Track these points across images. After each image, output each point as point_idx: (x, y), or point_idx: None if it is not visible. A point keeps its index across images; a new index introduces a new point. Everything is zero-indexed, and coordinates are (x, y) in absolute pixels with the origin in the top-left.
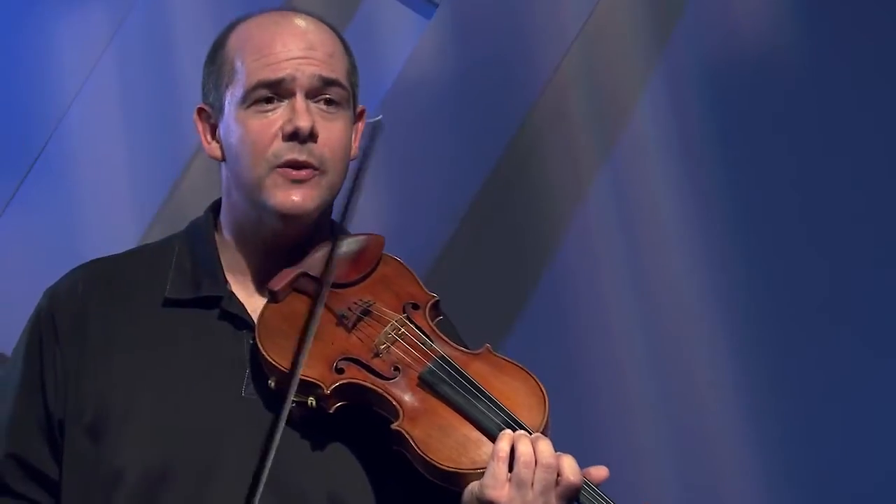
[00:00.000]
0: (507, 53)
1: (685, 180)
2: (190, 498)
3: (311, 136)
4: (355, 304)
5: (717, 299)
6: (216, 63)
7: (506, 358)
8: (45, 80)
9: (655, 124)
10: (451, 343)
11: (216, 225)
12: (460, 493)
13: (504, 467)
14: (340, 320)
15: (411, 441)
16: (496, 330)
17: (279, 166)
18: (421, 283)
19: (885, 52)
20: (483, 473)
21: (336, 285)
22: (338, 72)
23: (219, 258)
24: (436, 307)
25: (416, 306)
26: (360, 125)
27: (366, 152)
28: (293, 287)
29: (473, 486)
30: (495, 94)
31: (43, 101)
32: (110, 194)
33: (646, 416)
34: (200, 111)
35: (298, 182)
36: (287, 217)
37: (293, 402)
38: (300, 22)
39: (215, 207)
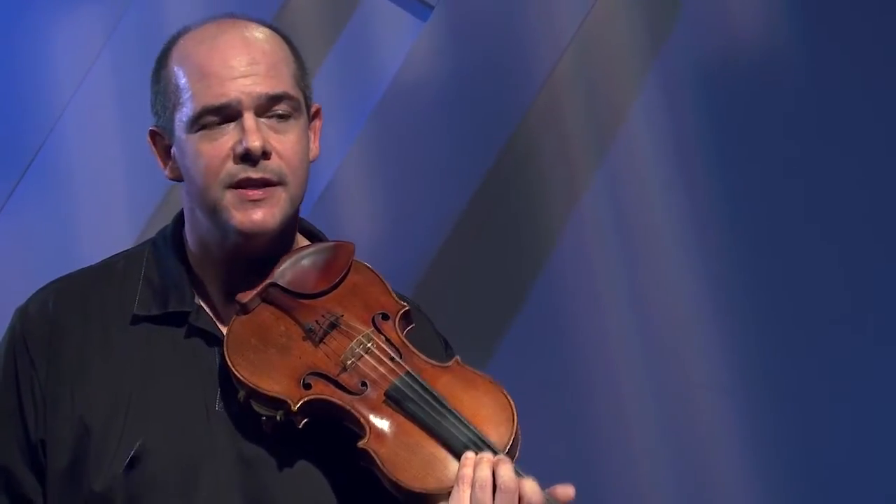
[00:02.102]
0: (502, 56)
1: (680, 184)
2: None
3: (264, 155)
4: (323, 316)
5: (712, 302)
6: (161, 83)
7: (475, 371)
8: (40, 83)
9: (650, 128)
10: (421, 356)
11: (182, 236)
12: None
13: (468, 492)
14: (308, 334)
15: (378, 460)
16: (491, 332)
17: (234, 186)
18: (392, 291)
19: (882, 54)
20: (449, 494)
21: (305, 296)
22: (284, 83)
23: (185, 272)
24: (406, 317)
25: (385, 316)
26: (318, 123)
27: None
28: (262, 298)
29: None
30: (491, 97)
31: (38, 104)
32: (106, 197)
33: (640, 418)
34: (153, 134)
35: (256, 202)
36: (250, 236)
37: (263, 416)
38: (239, 33)
39: (181, 218)
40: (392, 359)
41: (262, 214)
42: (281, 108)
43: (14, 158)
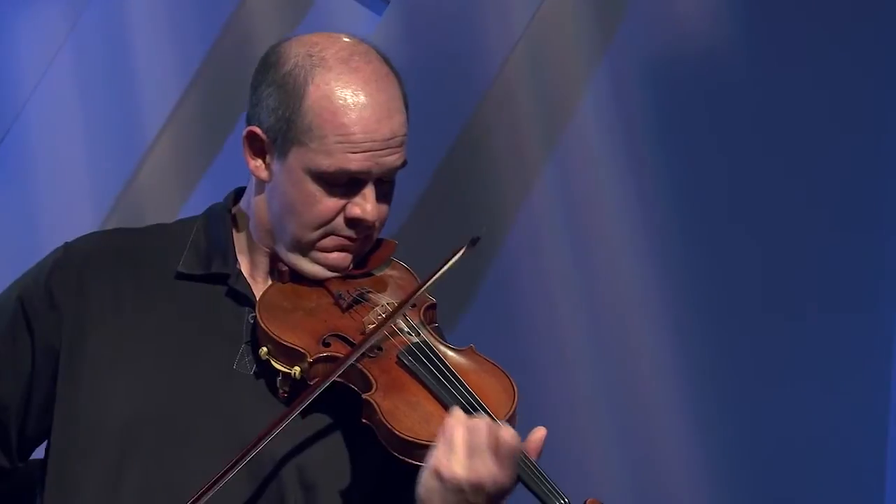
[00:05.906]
0: (455, 49)
1: (628, 174)
2: (156, 454)
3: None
4: (354, 288)
5: (660, 290)
6: (289, 105)
7: (488, 358)
8: (1, 77)
9: (599, 119)
10: (438, 337)
11: (233, 211)
12: None
13: (450, 434)
14: (337, 300)
15: (378, 410)
16: (444, 319)
17: (334, 234)
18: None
19: (826, 50)
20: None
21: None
22: (405, 151)
23: (232, 239)
24: (432, 309)
25: (412, 305)
26: None
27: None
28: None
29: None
30: (444, 89)
31: (0, 98)
32: (67, 189)
33: (590, 402)
34: (253, 136)
35: (347, 249)
36: (329, 270)
37: (280, 372)
38: (385, 98)
39: (237, 193)
40: (410, 331)
41: (347, 260)
42: (396, 174)
43: None
